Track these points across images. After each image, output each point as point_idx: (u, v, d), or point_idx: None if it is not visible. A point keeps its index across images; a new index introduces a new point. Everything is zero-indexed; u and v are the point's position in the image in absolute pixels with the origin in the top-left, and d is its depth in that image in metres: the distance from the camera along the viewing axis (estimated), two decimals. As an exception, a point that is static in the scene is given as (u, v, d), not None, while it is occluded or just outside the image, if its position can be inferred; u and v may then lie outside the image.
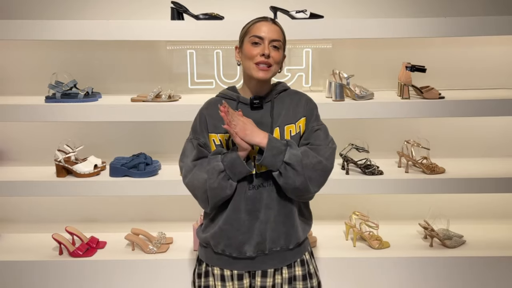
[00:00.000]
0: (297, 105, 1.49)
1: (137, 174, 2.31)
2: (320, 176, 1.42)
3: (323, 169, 1.42)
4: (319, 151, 1.42)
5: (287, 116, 1.47)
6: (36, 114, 2.19)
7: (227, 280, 1.51)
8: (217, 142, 1.46)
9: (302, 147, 1.44)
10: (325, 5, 2.40)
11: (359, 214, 2.47)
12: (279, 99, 1.50)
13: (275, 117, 1.46)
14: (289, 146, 1.38)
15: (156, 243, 2.43)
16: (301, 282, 1.53)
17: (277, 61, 1.42)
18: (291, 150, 1.37)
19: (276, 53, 1.41)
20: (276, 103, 1.48)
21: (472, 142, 2.61)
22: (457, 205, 2.63)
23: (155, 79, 2.47)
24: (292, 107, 1.49)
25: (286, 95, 1.51)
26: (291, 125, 1.46)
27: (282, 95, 1.51)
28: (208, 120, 1.47)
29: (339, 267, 2.36)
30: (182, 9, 2.22)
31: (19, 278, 2.37)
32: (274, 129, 1.45)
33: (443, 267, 2.35)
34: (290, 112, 1.48)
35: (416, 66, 2.26)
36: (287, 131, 1.45)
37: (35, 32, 2.12)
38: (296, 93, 1.54)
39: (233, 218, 1.45)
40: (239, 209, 1.44)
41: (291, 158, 1.36)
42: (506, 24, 2.11)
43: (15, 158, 2.60)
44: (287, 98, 1.51)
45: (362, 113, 2.21)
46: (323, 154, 1.43)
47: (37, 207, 2.67)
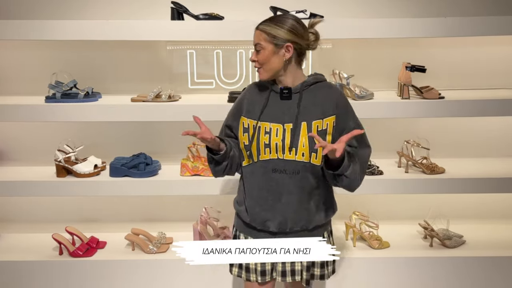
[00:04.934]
0: (327, 101, 1.54)
1: (137, 174, 2.31)
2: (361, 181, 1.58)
3: (362, 174, 1.58)
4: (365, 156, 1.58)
5: (316, 110, 1.53)
6: (36, 114, 2.19)
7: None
8: (245, 126, 1.59)
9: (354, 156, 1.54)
10: (325, 5, 2.40)
11: (359, 214, 2.47)
12: (310, 92, 1.56)
13: (302, 109, 1.53)
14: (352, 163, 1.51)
15: (156, 243, 2.44)
16: (318, 269, 1.67)
17: (262, 61, 1.52)
18: (353, 166, 1.51)
19: (260, 55, 1.52)
20: (306, 96, 1.55)
21: (472, 142, 2.61)
22: (457, 205, 2.63)
23: (155, 79, 2.47)
24: (322, 102, 1.54)
25: (318, 88, 1.57)
26: (318, 121, 1.53)
27: (313, 88, 1.56)
28: (245, 104, 1.62)
29: (339, 267, 2.36)
30: (182, 9, 2.22)
31: (19, 278, 2.37)
32: (302, 123, 1.52)
33: (443, 267, 2.35)
34: (319, 107, 1.54)
35: (416, 66, 2.26)
36: (314, 126, 1.52)
37: (34, 32, 2.12)
38: (329, 87, 1.59)
39: (258, 196, 1.61)
40: (263, 189, 1.59)
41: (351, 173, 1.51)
42: (506, 24, 2.11)
43: (15, 158, 2.59)
44: (319, 91, 1.56)
45: (362, 113, 2.19)
46: (366, 158, 1.59)
47: (37, 207, 2.67)
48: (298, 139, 1.52)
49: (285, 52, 1.51)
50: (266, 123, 1.55)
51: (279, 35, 1.49)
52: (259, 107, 1.58)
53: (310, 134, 1.47)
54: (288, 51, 1.51)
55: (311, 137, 1.49)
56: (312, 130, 1.51)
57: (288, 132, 1.53)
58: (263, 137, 1.55)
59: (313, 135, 1.43)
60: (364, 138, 1.60)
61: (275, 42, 1.50)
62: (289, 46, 1.50)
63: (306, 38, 1.54)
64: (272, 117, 1.55)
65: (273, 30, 1.50)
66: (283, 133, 1.53)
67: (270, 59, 1.51)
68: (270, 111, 1.56)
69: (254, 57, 1.55)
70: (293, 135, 1.52)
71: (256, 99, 1.60)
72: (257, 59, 1.53)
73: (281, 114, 1.55)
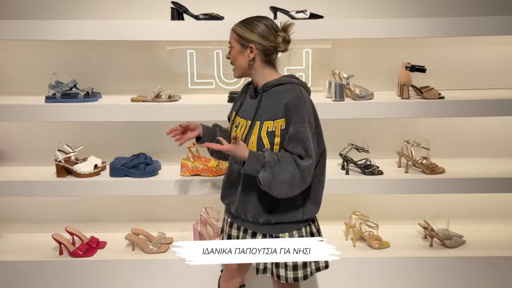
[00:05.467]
0: (280, 104, 1.58)
1: (137, 174, 2.31)
2: (289, 189, 1.56)
3: (293, 185, 1.55)
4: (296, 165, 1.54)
5: (270, 112, 1.60)
6: (36, 114, 2.19)
7: (225, 223, 1.85)
8: (232, 118, 1.74)
9: (284, 156, 1.55)
10: (325, 5, 2.40)
11: (359, 214, 2.47)
12: (270, 93, 1.62)
13: (260, 109, 1.62)
14: (263, 168, 1.54)
15: (156, 243, 2.44)
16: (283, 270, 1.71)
17: (232, 59, 1.67)
18: (263, 172, 1.54)
19: (230, 54, 1.66)
20: (266, 96, 1.63)
21: (472, 142, 2.61)
22: (457, 205, 2.63)
23: (155, 79, 2.47)
24: (276, 104, 1.59)
25: (279, 90, 1.61)
26: (269, 122, 1.59)
27: (275, 89, 1.62)
28: (236, 99, 1.79)
29: (339, 267, 2.36)
30: (182, 9, 2.22)
31: (19, 278, 2.37)
32: (256, 122, 1.61)
33: (443, 267, 2.35)
34: (273, 108, 1.59)
35: (416, 66, 2.26)
36: (264, 126, 1.60)
37: (34, 32, 2.12)
38: (288, 91, 1.60)
39: (225, 180, 1.79)
40: (229, 176, 1.76)
41: (262, 178, 1.54)
42: (506, 24, 2.11)
43: (15, 158, 2.59)
44: (278, 93, 1.60)
45: (362, 113, 2.21)
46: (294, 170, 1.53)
47: (37, 207, 2.67)
48: (249, 136, 1.62)
49: (249, 52, 1.61)
50: (237, 117, 1.71)
51: (245, 36, 1.60)
52: (239, 102, 1.74)
53: (219, 138, 1.59)
54: (252, 52, 1.60)
55: (260, 137, 1.59)
56: (262, 130, 1.59)
57: (246, 129, 1.65)
58: (234, 129, 1.71)
59: (220, 138, 1.57)
60: (308, 148, 1.55)
61: (241, 42, 1.61)
62: (252, 47, 1.59)
63: (272, 41, 1.60)
64: (241, 112, 1.70)
65: (241, 31, 1.61)
66: (244, 129, 1.65)
67: (237, 58, 1.64)
68: (243, 107, 1.71)
69: (228, 54, 1.68)
70: (247, 132, 1.63)
71: (241, 95, 1.77)
72: (229, 57, 1.68)
73: (247, 111, 1.67)
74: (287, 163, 1.53)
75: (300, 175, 1.53)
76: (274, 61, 1.67)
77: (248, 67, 1.63)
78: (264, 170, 1.53)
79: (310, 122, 1.58)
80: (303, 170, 1.53)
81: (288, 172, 1.52)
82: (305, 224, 1.73)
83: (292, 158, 1.54)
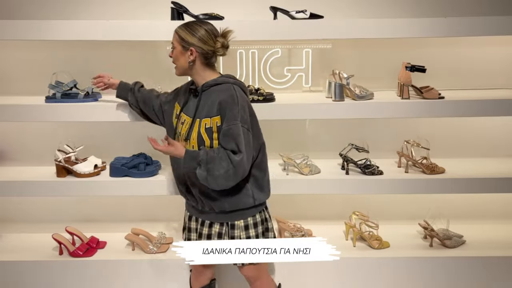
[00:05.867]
0: (215, 102, 1.70)
1: (137, 174, 2.31)
2: (223, 182, 1.69)
3: (227, 178, 1.68)
4: (230, 160, 1.67)
5: (207, 110, 1.72)
6: (36, 114, 2.19)
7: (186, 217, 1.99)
8: (177, 112, 1.84)
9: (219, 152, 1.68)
10: (325, 5, 2.40)
11: (359, 214, 2.47)
12: (208, 92, 1.75)
13: (199, 108, 1.74)
14: (199, 166, 1.69)
15: (156, 243, 2.44)
16: None
17: (173, 59, 1.76)
18: (199, 169, 1.69)
19: (173, 54, 1.76)
20: (204, 95, 1.75)
21: (472, 142, 2.61)
22: (457, 205, 2.63)
23: (155, 79, 2.46)
24: (211, 103, 1.71)
25: (216, 90, 1.73)
26: (207, 119, 1.72)
27: (212, 89, 1.74)
28: (181, 93, 1.89)
29: (339, 267, 2.36)
30: (182, 9, 2.22)
31: (19, 278, 2.37)
32: (196, 119, 1.74)
33: (443, 267, 2.35)
34: (210, 107, 1.72)
35: (416, 66, 2.26)
36: (203, 123, 1.72)
37: (34, 32, 2.12)
38: (224, 90, 1.72)
39: (175, 176, 1.93)
40: (176, 171, 1.89)
41: (198, 175, 1.70)
42: (506, 24, 2.11)
43: (15, 158, 2.59)
44: (215, 92, 1.73)
45: (362, 113, 2.21)
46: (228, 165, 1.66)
47: (37, 207, 2.67)
48: (191, 133, 1.75)
49: (189, 54, 1.71)
50: (183, 114, 1.81)
51: (186, 39, 1.71)
52: (184, 99, 1.84)
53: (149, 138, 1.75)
54: (192, 54, 1.71)
55: (200, 133, 1.72)
56: (201, 127, 1.72)
57: (188, 125, 1.76)
58: (179, 125, 1.82)
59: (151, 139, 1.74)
60: (239, 144, 1.68)
61: (182, 44, 1.72)
62: (192, 49, 1.70)
63: (211, 45, 1.72)
64: (185, 110, 1.81)
65: (183, 33, 1.71)
66: (187, 125, 1.77)
67: (178, 58, 1.75)
68: (187, 105, 1.81)
69: (170, 54, 1.78)
70: (189, 129, 1.76)
71: (185, 92, 1.86)
72: (171, 56, 1.77)
73: (190, 108, 1.79)
74: (221, 159, 1.67)
75: (234, 169, 1.67)
76: (214, 63, 1.79)
77: (188, 67, 1.75)
78: (199, 168, 1.69)
79: (244, 119, 1.70)
80: (236, 165, 1.66)
81: (223, 168, 1.66)
82: (259, 210, 1.87)
83: (226, 154, 1.68)
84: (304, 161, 2.41)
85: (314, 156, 2.50)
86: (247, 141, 1.69)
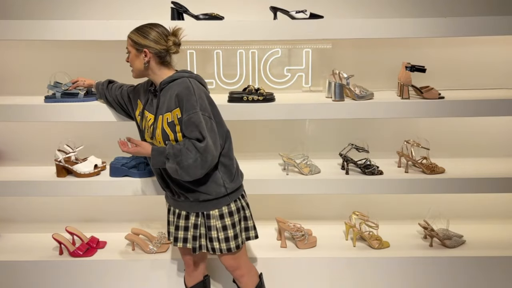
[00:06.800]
0: (173, 96, 1.75)
1: (137, 174, 2.31)
2: (194, 171, 1.73)
3: (198, 167, 1.72)
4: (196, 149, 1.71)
5: (167, 105, 1.76)
6: (36, 114, 2.19)
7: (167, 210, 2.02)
8: (140, 110, 1.90)
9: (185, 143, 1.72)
10: (325, 5, 2.40)
11: (359, 214, 2.47)
12: (166, 89, 1.79)
13: (160, 104, 1.79)
14: (167, 159, 1.74)
15: (156, 243, 2.44)
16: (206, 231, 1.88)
17: (130, 63, 1.82)
18: (168, 163, 1.74)
19: (129, 57, 1.82)
20: (163, 93, 1.80)
21: (472, 142, 2.61)
22: (457, 205, 2.63)
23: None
24: (170, 98, 1.76)
25: (173, 85, 1.77)
26: (168, 114, 1.76)
27: (169, 85, 1.79)
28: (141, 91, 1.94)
29: (339, 267, 2.36)
30: (182, 9, 2.22)
31: (19, 278, 2.37)
32: (159, 116, 1.78)
33: (442, 267, 2.35)
34: (169, 101, 1.76)
35: (416, 66, 2.26)
36: (165, 118, 1.76)
37: (35, 32, 2.12)
38: (177, 84, 1.77)
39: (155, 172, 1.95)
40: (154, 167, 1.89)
41: (169, 169, 1.75)
42: (506, 24, 2.11)
43: (15, 158, 2.60)
44: (173, 88, 1.77)
45: (362, 113, 2.21)
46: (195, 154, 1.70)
47: (37, 207, 2.67)
48: (155, 130, 1.79)
49: (144, 56, 1.77)
50: (146, 112, 1.86)
51: (139, 42, 1.76)
52: (146, 98, 1.88)
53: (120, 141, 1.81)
54: (146, 55, 1.77)
55: (164, 129, 1.76)
56: (164, 122, 1.77)
57: (152, 122, 1.81)
58: (143, 122, 1.88)
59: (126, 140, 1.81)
60: (202, 130, 1.72)
61: (136, 47, 1.78)
62: (146, 51, 1.76)
63: (164, 44, 1.77)
64: (148, 108, 1.86)
65: (135, 37, 1.77)
66: (152, 123, 1.82)
67: (134, 61, 1.80)
68: (149, 103, 1.86)
69: (127, 59, 1.84)
70: (153, 127, 1.81)
71: (146, 92, 1.90)
72: (128, 61, 1.83)
73: (152, 106, 1.84)
74: (188, 150, 1.70)
75: (201, 156, 1.70)
76: (169, 61, 1.83)
77: (144, 69, 1.80)
78: (168, 161, 1.74)
79: (203, 107, 1.73)
80: (202, 152, 1.70)
81: (191, 158, 1.70)
82: (233, 199, 1.89)
83: (192, 143, 1.71)
84: (304, 161, 2.42)
85: (314, 156, 2.50)
86: (209, 127, 1.73)
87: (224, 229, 1.86)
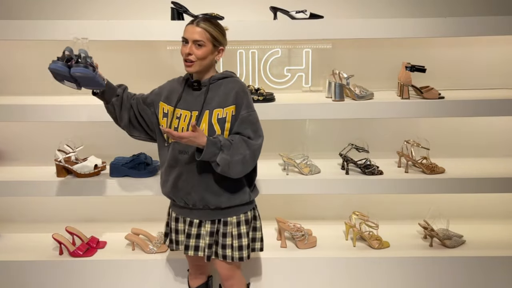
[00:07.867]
0: (228, 93, 1.73)
1: (137, 174, 2.31)
2: (242, 169, 1.71)
3: (245, 163, 1.70)
4: (247, 145, 1.70)
5: (219, 101, 1.73)
6: (36, 114, 2.19)
7: (170, 219, 1.95)
8: (165, 111, 1.81)
9: (235, 139, 1.70)
10: (325, 5, 2.40)
11: (359, 214, 2.47)
12: (216, 85, 1.76)
13: (208, 100, 1.74)
14: (221, 151, 1.66)
15: (156, 243, 2.44)
16: (221, 238, 1.84)
17: (200, 57, 1.70)
18: (221, 154, 1.66)
19: (199, 51, 1.70)
20: (212, 88, 1.76)
21: (472, 142, 2.61)
22: (457, 205, 2.63)
23: (155, 79, 2.46)
24: (224, 94, 1.73)
25: (223, 83, 1.77)
26: (219, 109, 1.72)
27: (219, 82, 1.77)
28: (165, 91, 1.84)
29: (339, 267, 2.36)
30: (182, 9, 2.22)
31: (19, 278, 2.37)
32: (205, 111, 1.73)
33: (442, 267, 2.35)
34: (221, 98, 1.73)
35: (416, 66, 2.26)
36: (214, 114, 1.72)
37: (35, 32, 2.12)
38: (232, 82, 1.77)
39: (165, 173, 1.85)
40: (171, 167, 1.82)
41: (221, 161, 1.66)
42: (506, 24, 2.11)
43: (15, 158, 2.60)
44: (223, 85, 1.76)
45: (362, 113, 2.21)
46: (245, 151, 1.69)
47: (37, 207, 2.67)
48: (199, 125, 1.73)
49: (217, 53, 1.76)
50: (178, 109, 1.77)
51: (219, 38, 1.73)
52: (176, 95, 1.80)
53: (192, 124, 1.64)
54: (219, 53, 1.77)
55: (212, 124, 1.71)
56: (213, 117, 1.72)
57: (193, 118, 1.74)
58: (174, 121, 1.77)
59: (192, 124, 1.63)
60: (258, 129, 1.75)
61: (214, 43, 1.72)
62: (222, 49, 1.76)
63: (226, 43, 1.79)
64: (183, 105, 1.77)
65: (216, 33, 1.72)
66: (189, 119, 1.74)
67: (207, 57, 1.72)
68: (183, 99, 1.78)
69: (191, 49, 1.69)
70: (197, 120, 1.73)
71: (175, 89, 1.83)
72: (196, 53, 1.70)
73: (190, 103, 1.76)
74: (239, 145, 1.68)
75: (251, 154, 1.70)
76: None
77: (210, 64, 1.76)
78: (222, 153, 1.66)
79: None
80: (253, 150, 1.70)
81: (241, 153, 1.68)
82: (251, 207, 1.88)
83: (243, 139, 1.70)
84: (304, 161, 2.42)
85: (314, 156, 2.50)
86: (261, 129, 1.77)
87: (239, 237, 1.84)
